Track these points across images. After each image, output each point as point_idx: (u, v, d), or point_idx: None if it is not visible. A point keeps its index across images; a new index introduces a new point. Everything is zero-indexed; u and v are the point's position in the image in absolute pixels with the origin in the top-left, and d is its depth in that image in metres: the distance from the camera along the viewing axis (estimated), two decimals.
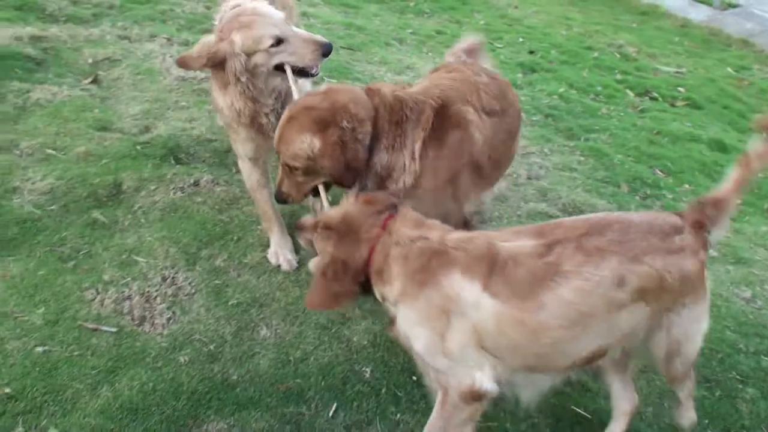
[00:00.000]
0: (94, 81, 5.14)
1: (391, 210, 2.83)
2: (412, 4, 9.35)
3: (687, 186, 5.48)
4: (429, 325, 2.65)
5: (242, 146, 3.61)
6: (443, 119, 3.20)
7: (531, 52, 7.96)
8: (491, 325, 2.58)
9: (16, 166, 4.06)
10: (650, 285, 2.62)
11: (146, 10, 6.57)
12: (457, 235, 2.72)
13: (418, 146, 3.15)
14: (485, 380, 2.66)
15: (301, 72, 3.39)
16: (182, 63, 3.37)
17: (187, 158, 4.41)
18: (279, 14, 3.45)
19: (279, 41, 3.33)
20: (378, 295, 2.78)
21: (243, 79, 3.32)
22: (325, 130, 3.01)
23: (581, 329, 2.62)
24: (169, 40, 5.97)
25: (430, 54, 7.43)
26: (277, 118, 3.26)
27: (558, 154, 5.59)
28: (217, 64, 3.33)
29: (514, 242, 2.65)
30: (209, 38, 3.37)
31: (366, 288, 2.78)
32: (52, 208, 3.83)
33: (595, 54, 8.15)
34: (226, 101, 3.43)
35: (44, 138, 4.35)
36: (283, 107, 3.36)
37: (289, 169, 3.12)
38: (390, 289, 2.71)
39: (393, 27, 8.14)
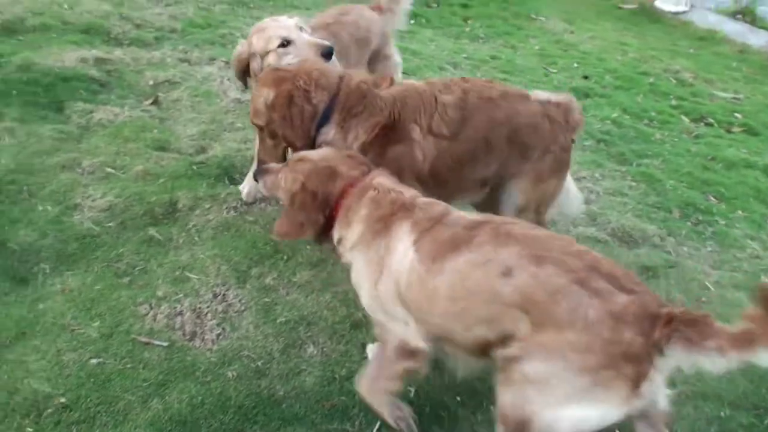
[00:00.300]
0: (154, 102, 5.30)
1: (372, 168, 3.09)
2: (467, 29, 9.41)
3: (740, 212, 5.41)
4: (371, 276, 2.79)
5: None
6: (389, 132, 3.37)
7: (585, 77, 7.95)
8: (404, 280, 2.68)
9: (77, 184, 4.21)
10: (533, 296, 2.47)
11: (206, 34, 6.75)
12: (426, 199, 2.89)
13: (356, 146, 3.33)
14: (415, 337, 2.73)
15: None
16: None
17: (240, 178, 4.51)
18: (290, 21, 3.89)
19: (286, 42, 3.77)
20: (336, 237, 2.93)
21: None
22: (281, 85, 3.35)
23: (462, 307, 2.62)
24: (227, 63, 6.10)
25: (483, 78, 7.47)
26: None
27: (609, 179, 5.58)
28: (245, 67, 3.86)
29: (463, 214, 2.78)
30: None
31: (326, 228, 2.95)
32: (110, 224, 3.96)
33: (651, 79, 8.10)
34: None
35: (105, 157, 4.51)
36: None
37: (260, 132, 3.46)
38: (350, 232, 2.89)
39: (448, 52, 8.20)
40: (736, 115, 7.36)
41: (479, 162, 3.56)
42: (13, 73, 5.27)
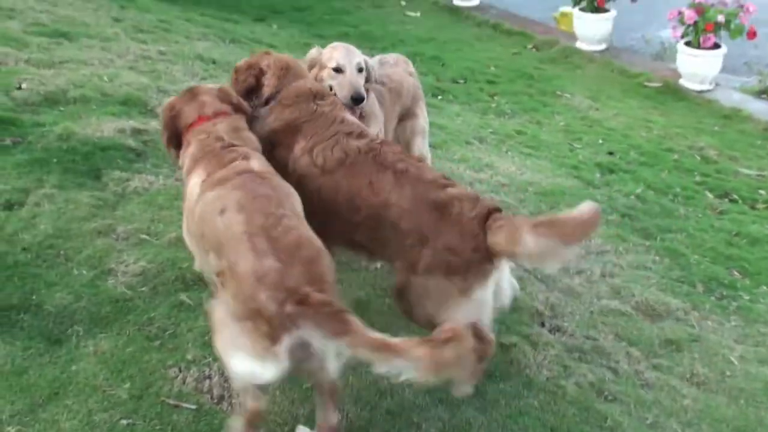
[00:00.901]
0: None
1: (238, 112, 3.70)
2: (493, 104, 9.59)
3: (765, 288, 5.45)
4: (184, 207, 3.32)
5: None
6: (287, 131, 3.83)
7: (610, 153, 8.06)
8: (188, 210, 3.22)
9: (112, 249, 4.33)
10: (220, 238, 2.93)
11: None
12: (242, 149, 3.41)
13: (266, 128, 3.86)
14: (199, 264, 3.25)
15: None
16: None
17: None
18: (358, 53, 4.37)
19: (338, 69, 4.24)
20: (180, 161, 3.56)
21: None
22: (256, 58, 4.08)
23: (202, 232, 3.11)
24: None
25: (509, 153, 7.60)
26: None
27: (633, 253, 5.64)
28: (310, 69, 4.33)
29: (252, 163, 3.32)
30: None
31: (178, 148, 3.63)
32: (142, 289, 4.07)
33: (675, 156, 8.20)
34: None
35: (139, 224, 4.64)
36: None
37: None
38: (183, 161, 3.50)
39: (474, 126, 8.36)
40: (761, 191, 7.42)
41: (338, 217, 3.65)
42: (54, 142, 5.45)
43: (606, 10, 12.77)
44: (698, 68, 10.95)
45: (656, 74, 11.64)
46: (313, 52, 4.42)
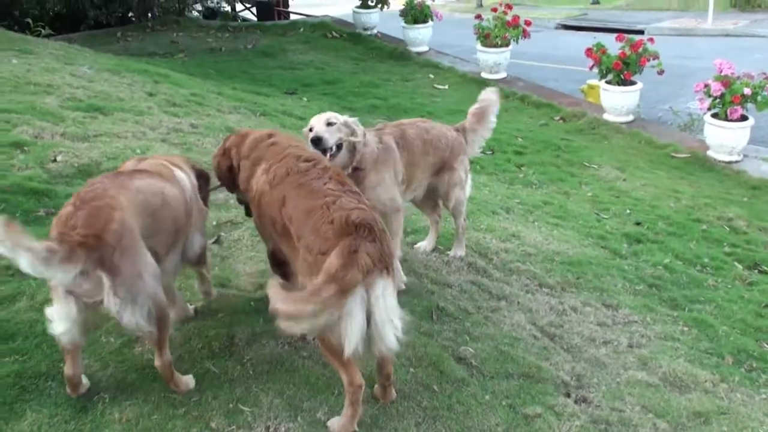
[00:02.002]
0: (216, 241, 5.53)
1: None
2: (521, 175, 9.66)
3: None
4: None
5: None
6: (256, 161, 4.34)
7: (638, 224, 8.06)
8: None
9: None
10: None
11: None
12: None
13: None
14: None
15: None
16: None
17: None
18: (331, 115, 4.89)
19: (311, 129, 4.84)
20: None
21: None
22: (218, 150, 4.72)
23: None
24: None
25: (536, 223, 7.63)
26: None
27: (661, 324, 5.60)
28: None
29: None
30: None
31: None
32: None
33: (704, 226, 8.18)
34: None
35: (177, 281, 4.69)
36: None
37: None
38: None
39: (501, 197, 8.41)
40: None
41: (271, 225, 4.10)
42: None
43: (633, 83, 12.90)
44: (726, 139, 10.99)
45: (684, 145, 11.70)
46: (304, 130, 4.98)
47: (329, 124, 4.82)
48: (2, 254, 3.21)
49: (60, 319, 3.45)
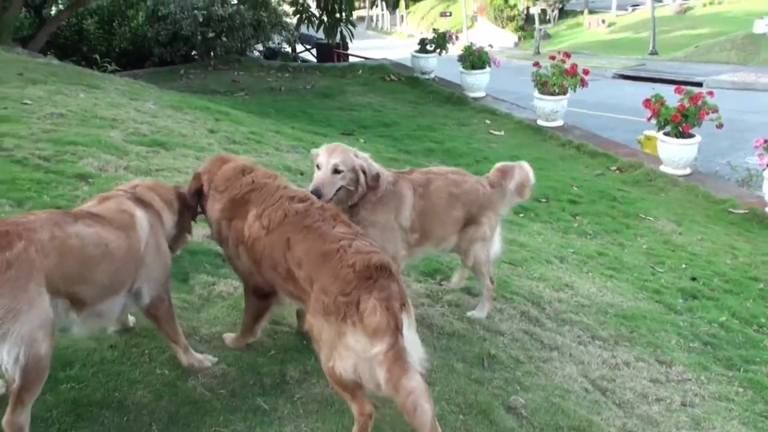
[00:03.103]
0: None
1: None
2: (575, 225, 9.61)
3: None
4: None
5: None
6: (237, 205, 4.36)
7: (693, 279, 7.96)
8: None
9: (195, 351, 4.43)
10: None
11: None
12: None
13: (216, 214, 4.50)
14: None
15: None
16: None
17: None
18: (341, 156, 4.79)
19: (318, 167, 4.81)
20: None
21: None
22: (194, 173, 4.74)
23: None
24: None
25: (590, 274, 7.57)
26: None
27: (715, 383, 5.51)
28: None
29: None
30: None
31: None
32: (221, 391, 4.13)
33: (761, 285, 8.04)
34: None
35: (222, 327, 4.75)
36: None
37: None
38: None
39: (555, 246, 8.38)
40: None
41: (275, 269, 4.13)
42: None
43: (691, 135, 12.81)
44: None
45: (742, 201, 11.55)
46: (314, 151, 5.04)
47: (336, 171, 4.75)
48: None
49: None
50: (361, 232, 4.08)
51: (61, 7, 24.78)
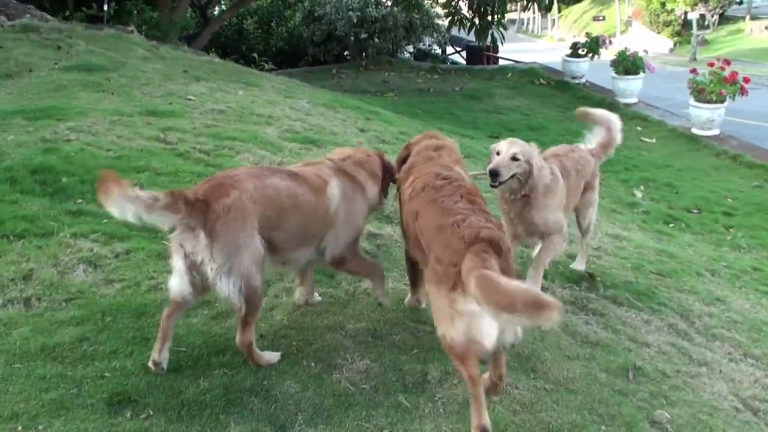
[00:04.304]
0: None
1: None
2: (728, 237, 9.27)
3: None
4: None
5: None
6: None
7: None
8: None
9: (340, 345, 4.55)
10: None
11: None
12: None
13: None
14: None
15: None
16: None
17: (489, 359, 4.67)
18: (520, 149, 5.19)
19: (498, 153, 5.21)
20: None
21: None
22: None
23: None
24: None
25: (743, 289, 7.29)
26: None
27: None
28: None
29: None
30: None
31: None
32: (364, 386, 4.22)
33: None
34: None
35: (367, 323, 4.85)
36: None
37: None
38: None
39: (706, 258, 8.11)
40: None
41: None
42: None
43: None
44: None
45: None
46: (493, 146, 5.39)
47: (514, 158, 5.14)
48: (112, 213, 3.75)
49: (173, 272, 4.01)
50: (485, 208, 4.17)
51: (223, 7, 25.84)
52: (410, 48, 27.45)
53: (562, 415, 4.13)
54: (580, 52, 20.94)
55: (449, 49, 30.23)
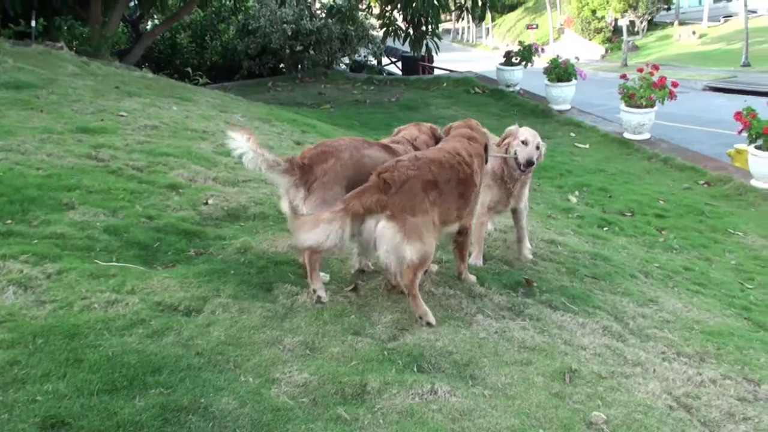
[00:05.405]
0: (354, 289, 5.65)
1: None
2: (661, 239, 9.46)
3: None
4: None
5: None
6: None
7: None
8: None
9: (278, 360, 4.53)
10: None
11: None
12: None
13: None
14: None
15: None
16: None
17: (428, 367, 4.70)
18: (539, 137, 6.81)
19: (525, 143, 6.69)
20: None
21: None
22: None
23: None
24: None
25: (676, 289, 7.45)
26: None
27: None
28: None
29: None
30: None
31: None
32: (303, 400, 4.21)
33: None
34: None
35: (305, 337, 4.83)
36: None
37: None
38: None
39: (639, 260, 8.26)
40: None
41: None
42: (233, 255, 5.84)
43: None
44: None
45: None
46: (512, 127, 6.87)
47: (537, 148, 6.63)
48: (237, 149, 5.16)
49: (283, 206, 5.42)
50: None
51: (156, 22, 25.60)
52: (346, 60, 27.52)
53: (500, 420, 4.16)
54: (513, 60, 21.21)
55: (385, 60, 30.39)
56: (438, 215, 5.17)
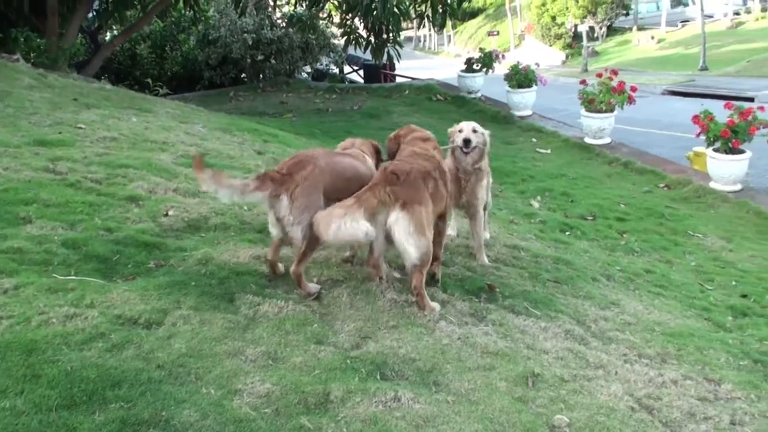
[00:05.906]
0: (317, 298, 5.64)
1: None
2: (622, 242, 9.55)
3: None
4: None
5: None
6: None
7: (744, 296, 7.85)
8: None
9: (240, 371, 4.49)
10: None
11: None
12: None
13: None
14: None
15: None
16: None
17: (391, 375, 4.69)
18: (477, 126, 7.20)
19: (460, 130, 7.22)
20: None
21: None
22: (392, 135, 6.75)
23: None
24: (389, 265, 6.45)
25: (637, 291, 7.51)
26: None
27: (765, 402, 5.40)
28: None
29: None
30: None
31: None
32: (266, 411, 4.18)
33: None
34: None
35: (267, 347, 4.80)
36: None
37: None
38: None
39: (601, 263, 8.33)
40: None
41: None
42: (194, 266, 5.79)
43: (741, 152, 12.67)
44: None
45: None
46: (455, 126, 7.28)
47: (474, 131, 7.00)
48: (208, 191, 5.38)
49: (270, 224, 5.62)
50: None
51: (115, 32, 25.38)
52: (307, 68, 27.49)
53: (464, 426, 4.16)
54: (474, 67, 21.32)
55: (347, 68, 30.39)
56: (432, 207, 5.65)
